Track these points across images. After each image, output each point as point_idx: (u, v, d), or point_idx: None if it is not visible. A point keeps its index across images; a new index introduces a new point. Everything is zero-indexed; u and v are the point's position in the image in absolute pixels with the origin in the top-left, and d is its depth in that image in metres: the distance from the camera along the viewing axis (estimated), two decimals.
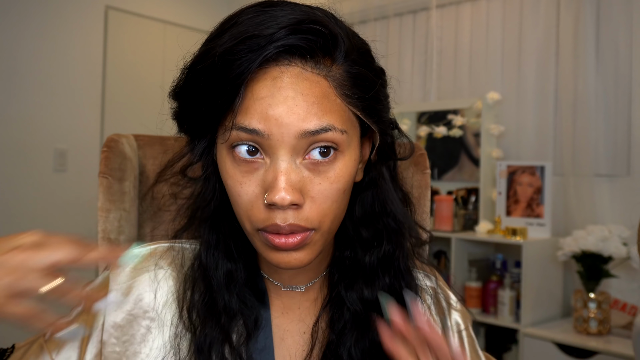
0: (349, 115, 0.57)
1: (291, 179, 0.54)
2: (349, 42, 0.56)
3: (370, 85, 0.58)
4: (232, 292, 0.63)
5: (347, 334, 0.63)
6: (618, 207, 2.23)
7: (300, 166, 0.55)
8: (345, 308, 0.64)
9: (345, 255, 0.66)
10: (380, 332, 0.57)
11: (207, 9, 3.56)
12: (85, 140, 3.01)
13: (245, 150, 0.55)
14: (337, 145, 0.55)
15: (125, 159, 0.93)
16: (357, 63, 0.57)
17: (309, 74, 0.54)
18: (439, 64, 2.80)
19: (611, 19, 2.25)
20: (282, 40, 0.52)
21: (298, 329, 0.66)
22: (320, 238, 0.58)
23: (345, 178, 0.57)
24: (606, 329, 2.03)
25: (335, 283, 0.66)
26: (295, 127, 0.53)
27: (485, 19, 2.64)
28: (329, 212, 0.57)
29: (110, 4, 3.10)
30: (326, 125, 0.54)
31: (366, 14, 2.99)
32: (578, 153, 2.29)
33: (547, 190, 2.28)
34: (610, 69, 2.25)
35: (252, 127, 0.53)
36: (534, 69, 2.47)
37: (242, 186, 0.56)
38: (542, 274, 2.21)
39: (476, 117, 2.54)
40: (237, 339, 0.62)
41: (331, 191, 0.56)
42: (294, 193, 0.53)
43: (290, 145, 0.54)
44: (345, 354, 0.62)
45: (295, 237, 0.55)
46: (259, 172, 0.56)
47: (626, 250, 1.99)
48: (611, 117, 2.25)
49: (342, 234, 0.66)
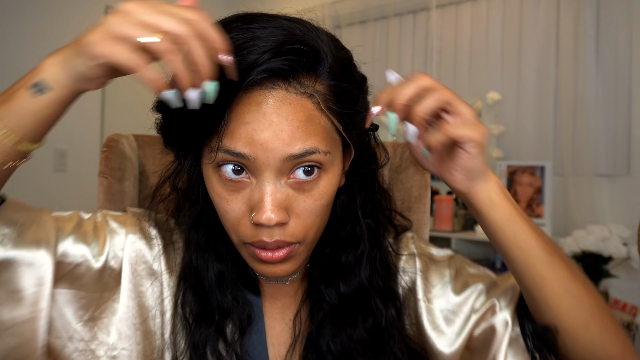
0: (332, 134, 0.58)
1: (277, 199, 0.55)
2: (331, 55, 0.57)
3: (352, 99, 0.59)
4: (225, 291, 0.65)
5: (327, 327, 0.65)
6: (618, 207, 2.23)
7: (285, 185, 0.56)
8: (324, 302, 0.66)
9: (325, 252, 0.68)
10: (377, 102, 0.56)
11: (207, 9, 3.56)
12: (85, 140, 3.01)
13: (231, 170, 0.56)
14: (320, 165, 0.57)
15: (125, 159, 0.93)
16: (340, 77, 0.58)
17: (293, 97, 0.55)
18: (439, 64, 2.80)
19: (611, 19, 2.25)
20: (264, 65, 0.52)
21: (282, 318, 0.69)
22: (305, 249, 0.60)
23: (329, 194, 0.59)
24: None
25: (314, 277, 0.68)
26: (280, 152, 0.54)
27: (485, 19, 2.64)
28: (312, 225, 0.59)
29: (110, 4, 3.10)
30: (310, 148, 0.55)
31: (366, 14, 2.99)
32: (578, 153, 2.29)
33: (547, 190, 2.28)
34: (610, 69, 2.25)
35: (237, 150, 0.54)
36: (534, 69, 2.47)
37: (228, 204, 0.58)
38: None
39: None
40: (232, 335, 0.64)
41: (315, 207, 0.58)
42: (279, 213, 0.55)
43: (276, 168, 0.55)
44: (324, 346, 0.65)
45: (281, 251, 0.58)
46: (245, 190, 0.57)
47: (626, 250, 1.99)
48: (611, 117, 2.25)
49: (324, 232, 0.67)
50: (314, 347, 0.65)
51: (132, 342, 0.61)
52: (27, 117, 0.49)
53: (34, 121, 0.50)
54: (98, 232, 0.63)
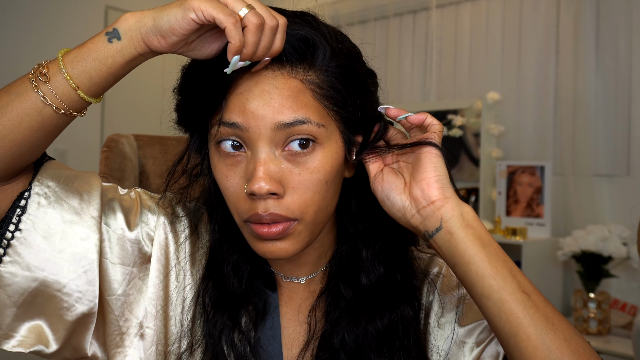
0: (329, 112, 0.59)
1: (269, 169, 0.56)
2: (330, 48, 0.58)
3: (353, 93, 0.60)
4: (241, 279, 0.66)
5: (341, 324, 0.65)
6: (618, 207, 2.23)
7: (280, 157, 0.57)
8: (341, 299, 0.66)
9: (342, 249, 0.68)
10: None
11: None
12: (85, 140, 3.01)
13: (230, 145, 0.58)
14: (315, 138, 0.57)
15: (125, 159, 0.93)
16: (339, 71, 0.58)
17: (286, 76, 0.57)
18: (439, 64, 2.80)
19: (611, 19, 2.25)
20: None
21: (298, 319, 0.69)
22: (305, 229, 0.60)
23: (325, 169, 0.58)
24: (606, 329, 2.03)
25: (332, 275, 0.68)
26: (271, 120, 0.55)
27: (485, 19, 2.64)
28: (311, 202, 0.58)
29: (110, 4, 3.10)
30: (301, 118, 0.56)
31: (366, 14, 2.99)
32: (578, 153, 2.29)
33: (547, 190, 2.28)
34: (610, 69, 2.25)
35: (231, 120, 0.57)
36: (534, 69, 2.47)
37: (227, 179, 0.59)
38: (542, 273, 2.21)
39: (476, 117, 2.54)
40: (246, 324, 0.65)
41: (311, 181, 0.58)
42: (271, 182, 0.56)
43: (268, 137, 0.56)
44: (338, 343, 0.64)
45: (277, 226, 0.58)
46: (242, 164, 0.58)
47: (626, 250, 1.99)
48: (611, 117, 2.25)
49: (342, 230, 0.68)
50: (327, 345, 0.65)
51: (156, 322, 0.64)
52: (93, 62, 0.53)
53: (96, 68, 0.53)
54: (133, 205, 0.66)
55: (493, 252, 0.57)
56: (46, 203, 0.60)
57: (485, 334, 0.64)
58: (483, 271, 0.56)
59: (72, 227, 0.60)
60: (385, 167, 0.63)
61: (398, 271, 0.67)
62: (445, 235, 0.58)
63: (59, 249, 0.59)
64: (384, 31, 2.96)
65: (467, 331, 0.65)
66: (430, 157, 0.60)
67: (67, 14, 2.94)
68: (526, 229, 2.23)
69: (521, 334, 0.53)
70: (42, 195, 0.60)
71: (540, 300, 0.55)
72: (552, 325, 0.54)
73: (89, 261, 0.61)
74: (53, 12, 2.89)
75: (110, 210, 0.64)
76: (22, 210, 0.58)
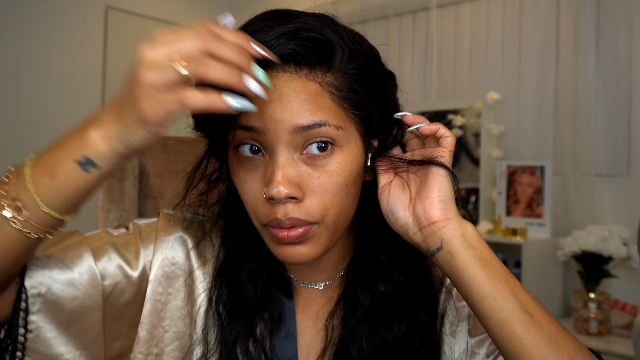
0: (346, 114, 0.58)
1: (288, 173, 0.55)
2: (348, 50, 0.57)
3: (372, 96, 0.59)
4: (257, 286, 0.65)
5: (359, 331, 0.64)
6: (618, 207, 2.23)
7: (298, 161, 0.56)
8: (358, 306, 0.65)
9: (360, 254, 0.67)
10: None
11: (208, 9, 3.56)
12: None
13: (249, 149, 0.58)
14: (334, 140, 0.57)
15: None
16: (357, 72, 0.58)
17: (303, 79, 0.56)
18: (439, 64, 2.80)
19: (611, 19, 2.25)
20: (277, 48, 0.54)
21: (315, 326, 0.68)
22: (325, 232, 0.59)
23: (345, 172, 0.58)
24: (606, 329, 2.03)
25: (350, 282, 0.67)
26: (289, 123, 0.55)
27: (485, 19, 2.64)
28: (331, 205, 0.58)
29: (110, 4, 3.10)
30: (319, 120, 0.55)
31: (366, 14, 2.99)
32: (578, 153, 2.29)
33: (547, 190, 2.28)
34: (610, 69, 2.25)
35: (249, 124, 0.56)
36: (534, 69, 2.47)
37: (246, 183, 0.58)
38: (542, 274, 2.21)
39: (476, 117, 2.54)
40: (262, 333, 0.64)
41: (331, 184, 0.57)
42: (290, 186, 0.55)
43: (286, 141, 0.55)
44: (355, 351, 0.63)
45: (296, 230, 0.57)
46: (261, 168, 0.58)
47: (626, 250, 1.99)
48: (611, 117, 2.25)
49: (360, 234, 0.68)
50: (344, 352, 0.64)
51: (162, 343, 0.64)
52: (71, 191, 0.50)
53: (77, 195, 0.51)
54: (131, 244, 0.64)
55: (495, 272, 0.57)
56: (45, 293, 0.58)
57: (494, 345, 0.64)
58: (484, 292, 0.56)
59: (77, 305, 0.59)
60: (395, 178, 0.63)
61: (416, 278, 0.66)
62: (445, 255, 0.58)
63: (71, 332, 0.59)
64: (384, 31, 2.96)
65: (478, 342, 0.65)
66: (437, 177, 0.59)
67: (67, 14, 2.95)
68: (526, 229, 2.23)
69: (523, 354, 0.54)
70: (37, 289, 0.58)
71: (544, 319, 0.55)
72: (556, 345, 0.54)
73: (95, 330, 0.61)
74: (53, 12, 2.89)
75: (109, 268, 0.62)
76: (25, 312, 0.57)
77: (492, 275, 0.56)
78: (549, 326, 0.55)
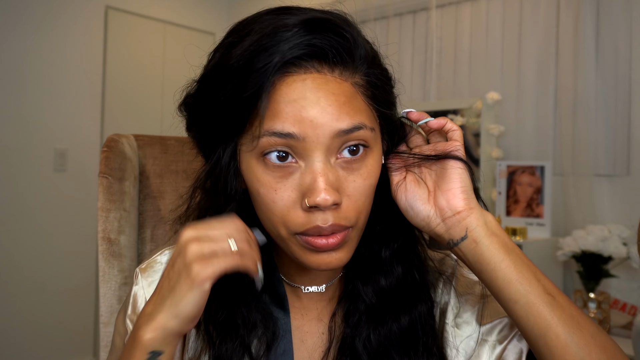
0: (375, 114, 0.58)
1: (329, 179, 0.54)
2: (367, 47, 0.58)
3: (385, 92, 0.59)
4: (251, 305, 0.64)
5: (363, 326, 0.64)
6: (618, 207, 2.23)
7: (335, 165, 0.56)
8: (360, 301, 0.65)
9: (360, 251, 0.66)
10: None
11: (207, 9, 3.56)
12: (85, 140, 3.01)
13: (276, 157, 0.55)
14: (366, 143, 0.56)
15: (125, 159, 0.93)
16: (374, 73, 0.58)
17: (338, 80, 0.54)
18: (439, 64, 2.80)
19: (611, 19, 2.25)
20: (302, 37, 0.52)
21: (317, 330, 0.67)
22: (356, 235, 0.59)
23: (375, 173, 0.58)
24: (606, 329, 2.03)
25: (350, 278, 0.67)
26: (330, 127, 0.53)
27: (485, 19, 2.64)
28: (363, 208, 0.58)
29: (110, 4, 3.10)
30: (358, 123, 0.54)
31: (366, 14, 2.99)
32: (578, 153, 2.29)
33: (547, 190, 2.28)
34: (610, 69, 2.25)
35: (286, 131, 0.53)
36: (534, 69, 2.47)
37: (277, 192, 0.55)
38: None
39: (476, 117, 2.54)
40: (257, 351, 0.63)
41: (365, 187, 0.57)
42: (334, 193, 0.54)
43: (325, 146, 0.54)
44: (361, 346, 0.63)
45: (335, 236, 0.56)
46: (294, 176, 0.55)
47: (626, 250, 1.99)
48: (611, 117, 2.25)
49: None
50: (348, 349, 0.64)
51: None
52: None
53: None
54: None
55: (517, 257, 0.58)
56: None
57: (506, 331, 0.64)
58: (510, 277, 0.57)
59: None
60: (408, 174, 0.63)
61: (415, 270, 0.67)
62: (470, 244, 0.59)
63: None
64: (384, 31, 2.96)
65: (488, 329, 0.65)
66: (456, 170, 0.60)
67: (67, 14, 2.95)
68: (526, 229, 2.23)
69: (550, 334, 0.55)
70: None
71: (564, 301, 0.57)
72: (578, 324, 0.56)
73: None
74: (53, 12, 2.89)
75: None
76: None
77: (516, 261, 0.58)
78: (569, 307, 0.57)
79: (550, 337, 0.55)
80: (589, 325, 0.56)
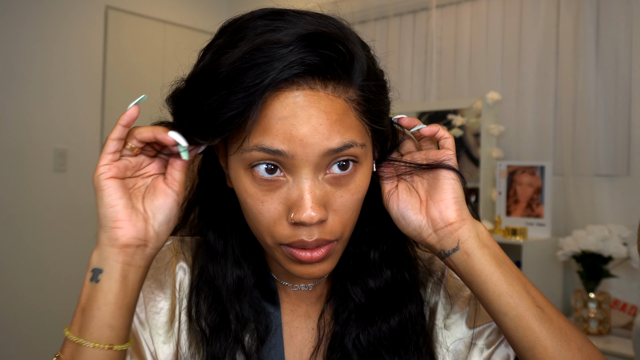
0: (366, 127, 0.57)
1: (316, 196, 0.54)
2: (363, 58, 0.55)
3: (380, 105, 0.58)
4: (243, 300, 0.64)
5: (352, 325, 0.64)
6: (618, 207, 2.23)
7: (323, 181, 0.55)
8: (349, 299, 0.65)
9: (349, 251, 0.67)
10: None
11: (207, 9, 3.56)
12: (85, 140, 3.01)
13: (264, 169, 0.54)
14: (356, 158, 0.55)
15: None
16: (369, 86, 0.55)
17: (331, 97, 0.53)
18: (439, 64, 2.80)
19: (611, 19, 2.25)
20: (296, 55, 0.50)
21: (306, 326, 0.68)
22: (341, 247, 0.59)
23: (364, 188, 0.58)
24: (606, 329, 2.03)
25: (339, 277, 0.67)
26: (320, 146, 0.52)
27: (485, 19, 2.64)
28: (349, 222, 0.57)
29: (110, 4, 3.10)
30: (348, 142, 0.53)
31: (366, 14, 2.99)
32: (578, 153, 2.29)
33: (547, 190, 2.28)
34: (610, 69, 2.25)
35: (274, 148, 0.52)
36: (534, 69, 2.47)
37: (263, 204, 0.55)
38: (542, 274, 2.21)
39: (476, 117, 2.54)
40: (249, 345, 0.64)
41: (352, 202, 0.57)
42: (320, 210, 0.53)
43: (314, 164, 0.53)
44: (350, 344, 0.64)
45: (320, 250, 0.56)
46: (282, 190, 0.55)
47: (626, 250, 1.99)
48: (611, 117, 2.25)
49: None
50: (339, 347, 0.64)
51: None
52: (99, 312, 0.52)
53: (107, 314, 0.52)
54: (137, 344, 0.64)
55: (508, 269, 0.58)
56: None
57: (494, 335, 0.65)
58: (500, 289, 0.57)
59: None
60: (399, 183, 0.63)
61: (405, 270, 0.67)
62: (462, 256, 0.59)
63: None
64: (384, 31, 2.96)
65: (477, 333, 0.65)
66: (448, 180, 0.60)
67: (67, 14, 2.94)
68: (526, 229, 2.23)
69: (538, 346, 0.55)
70: None
71: (553, 313, 0.57)
72: (566, 336, 0.56)
73: None
74: (53, 12, 2.89)
75: None
76: None
77: (507, 273, 0.58)
78: (558, 319, 0.57)
79: (539, 350, 0.55)
80: (576, 338, 0.56)
